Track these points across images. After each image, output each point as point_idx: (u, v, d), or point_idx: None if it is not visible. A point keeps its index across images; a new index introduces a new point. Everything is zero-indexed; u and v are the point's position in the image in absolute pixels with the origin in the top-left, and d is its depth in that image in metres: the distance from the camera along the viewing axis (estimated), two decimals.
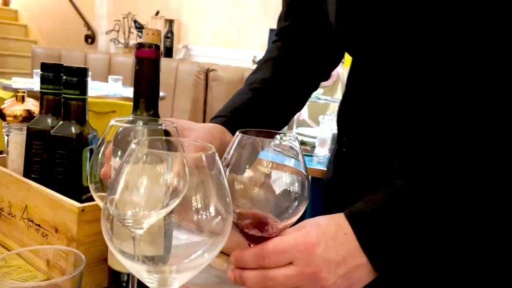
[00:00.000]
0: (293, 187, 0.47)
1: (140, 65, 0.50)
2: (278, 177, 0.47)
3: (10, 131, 0.74)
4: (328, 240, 0.46)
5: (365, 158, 0.65)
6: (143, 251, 0.41)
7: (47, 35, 5.78)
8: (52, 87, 0.71)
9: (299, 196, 0.48)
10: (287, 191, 0.47)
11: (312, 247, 0.45)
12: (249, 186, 0.47)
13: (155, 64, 0.51)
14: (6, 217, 0.70)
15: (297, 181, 0.48)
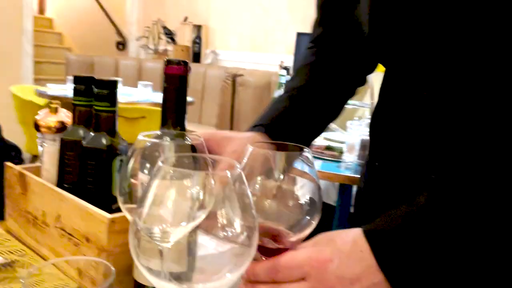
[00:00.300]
0: (305, 200, 0.47)
1: (168, 81, 0.51)
2: (290, 189, 0.47)
3: (44, 142, 0.77)
4: (343, 257, 0.45)
5: (400, 173, 0.63)
6: (169, 267, 0.41)
7: (81, 42, 5.96)
8: (84, 99, 0.73)
9: (311, 209, 0.47)
10: (299, 203, 0.47)
11: (325, 264, 0.45)
12: (261, 198, 0.47)
13: (183, 80, 0.51)
14: (40, 225, 0.73)
15: (309, 193, 0.48)
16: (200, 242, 0.41)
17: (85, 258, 0.62)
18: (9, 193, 0.81)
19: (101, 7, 5.66)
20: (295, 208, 0.47)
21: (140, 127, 2.73)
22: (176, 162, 0.44)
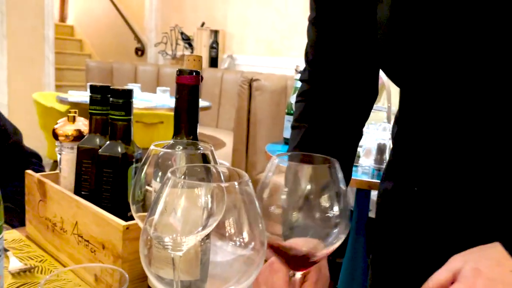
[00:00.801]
0: (332, 212, 0.47)
1: (180, 91, 0.52)
2: (317, 201, 0.47)
3: (63, 150, 0.79)
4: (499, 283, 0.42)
5: (429, 200, 0.62)
6: (180, 276, 0.42)
7: (101, 48, 6.08)
8: (100, 108, 0.74)
9: (340, 221, 0.47)
10: (327, 216, 0.47)
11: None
12: (288, 211, 0.47)
13: (195, 90, 0.52)
14: (58, 232, 0.74)
15: (336, 205, 0.47)
16: (211, 251, 0.42)
17: (100, 265, 0.63)
18: (29, 200, 0.83)
19: (121, 14, 5.76)
20: (323, 221, 0.47)
21: (159, 132, 2.76)
22: (187, 171, 0.45)
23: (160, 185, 0.39)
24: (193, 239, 0.43)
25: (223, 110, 4.06)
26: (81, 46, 6.33)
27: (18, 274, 0.68)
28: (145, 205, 0.53)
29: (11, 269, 0.69)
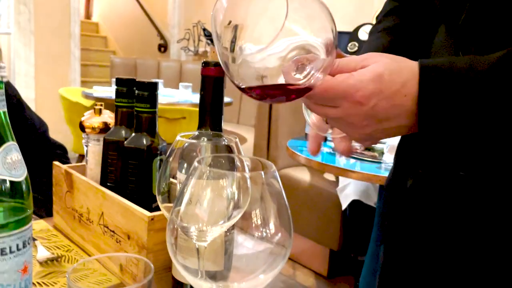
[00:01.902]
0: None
1: (205, 83, 0.52)
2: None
3: (89, 142, 0.80)
4: (382, 99, 0.44)
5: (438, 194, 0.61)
6: (205, 266, 0.42)
7: (125, 45, 6.16)
8: (126, 100, 0.75)
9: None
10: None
11: (360, 105, 0.45)
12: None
13: (220, 82, 0.52)
14: (84, 222, 0.76)
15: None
16: (236, 242, 0.42)
17: (126, 255, 0.64)
18: (56, 191, 0.85)
19: (144, 11, 5.82)
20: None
21: (181, 128, 2.78)
22: (212, 162, 0.45)
23: (186, 175, 0.39)
24: (218, 229, 0.43)
25: (245, 106, 4.06)
26: (106, 42, 6.43)
27: (45, 263, 0.70)
28: (170, 195, 0.53)
29: (39, 258, 0.70)
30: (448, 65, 0.45)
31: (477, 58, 0.45)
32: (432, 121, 0.44)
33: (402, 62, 0.46)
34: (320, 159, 1.76)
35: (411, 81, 0.44)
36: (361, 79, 0.44)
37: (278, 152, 2.50)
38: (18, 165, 0.51)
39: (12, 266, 0.50)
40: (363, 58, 0.46)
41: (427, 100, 0.44)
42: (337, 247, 2.21)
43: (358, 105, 0.45)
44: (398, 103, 0.45)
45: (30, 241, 0.52)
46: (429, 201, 0.60)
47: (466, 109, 0.44)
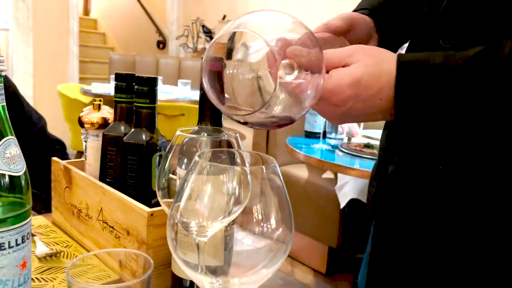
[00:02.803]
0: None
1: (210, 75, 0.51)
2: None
3: (88, 137, 0.80)
4: (358, 102, 0.46)
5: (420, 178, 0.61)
6: (205, 261, 0.42)
7: (123, 41, 6.14)
8: (125, 96, 0.75)
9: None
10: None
11: (336, 107, 0.46)
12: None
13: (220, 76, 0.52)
14: (83, 218, 0.75)
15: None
16: (236, 237, 0.42)
17: (125, 250, 0.64)
18: (55, 187, 0.85)
19: (143, 8, 5.80)
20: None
21: (180, 124, 2.78)
22: (212, 156, 0.45)
23: (186, 170, 0.39)
24: (218, 225, 0.43)
25: None
26: (105, 39, 6.41)
27: (44, 258, 0.70)
28: (170, 191, 0.53)
29: (38, 254, 0.70)
30: (424, 60, 0.46)
31: (453, 54, 0.45)
32: (407, 118, 0.46)
33: (383, 64, 0.47)
34: (319, 156, 1.76)
35: (388, 86, 0.46)
36: (339, 84, 0.45)
37: (277, 149, 2.50)
38: (17, 159, 0.50)
39: (11, 261, 0.49)
40: (348, 54, 0.47)
41: (403, 97, 0.45)
42: (335, 245, 2.21)
43: (334, 106, 0.46)
44: (373, 105, 0.46)
45: (29, 236, 0.52)
46: (409, 188, 0.61)
47: (441, 104, 0.44)
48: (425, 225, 0.58)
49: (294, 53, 0.43)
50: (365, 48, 0.48)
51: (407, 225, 0.61)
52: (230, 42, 0.46)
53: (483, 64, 0.43)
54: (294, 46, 0.44)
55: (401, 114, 0.46)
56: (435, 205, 0.56)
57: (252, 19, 0.43)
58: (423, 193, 0.58)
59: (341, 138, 2.06)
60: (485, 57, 0.43)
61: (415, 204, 0.59)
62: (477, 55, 0.43)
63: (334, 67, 0.47)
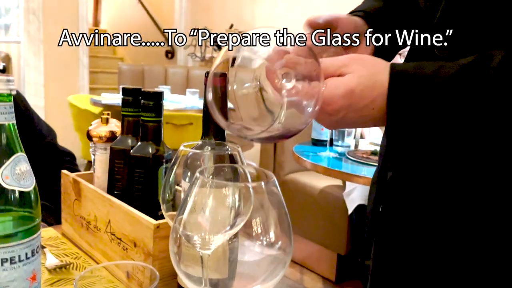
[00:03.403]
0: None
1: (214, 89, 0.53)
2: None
3: (96, 151, 0.82)
4: (351, 111, 0.47)
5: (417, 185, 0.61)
6: (209, 274, 0.42)
7: (132, 52, 6.21)
8: (132, 109, 0.76)
9: None
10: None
11: (329, 115, 0.48)
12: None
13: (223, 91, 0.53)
14: (92, 230, 0.77)
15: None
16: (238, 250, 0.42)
17: (132, 262, 0.65)
18: (64, 199, 0.86)
19: (151, 18, 5.87)
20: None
21: (188, 134, 2.80)
22: (215, 171, 0.46)
23: (189, 185, 0.40)
24: (221, 238, 0.44)
25: None
26: (114, 49, 6.49)
27: (54, 270, 0.71)
28: (174, 204, 0.54)
29: (48, 266, 0.72)
30: (415, 71, 0.47)
31: (443, 64, 0.46)
32: (399, 127, 0.47)
33: (377, 75, 0.48)
34: (326, 164, 1.77)
35: (381, 97, 0.47)
36: (333, 94, 0.47)
37: (285, 157, 2.51)
38: (26, 175, 0.52)
39: (21, 274, 0.51)
40: (343, 64, 0.48)
41: (394, 107, 0.46)
42: (344, 252, 2.21)
43: (327, 115, 0.48)
44: (366, 114, 0.48)
45: (39, 250, 0.54)
46: (407, 194, 0.62)
47: (431, 114, 0.45)
48: (424, 231, 0.59)
49: (292, 61, 0.45)
50: (360, 58, 0.49)
51: (406, 230, 0.62)
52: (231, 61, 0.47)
53: (472, 75, 0.44)
54: (290, 55, 0.46)
55: (393, 124, 0.47)
56: (433, 211, 0.57)
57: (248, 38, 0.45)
58: (421, 199, 0.59)
59: (348, 146, 2.06)
60: (474, 67, 0.44)
61: (413, 209, 0.60)
62: (467, 66, 0.44)
63: (329, 76, 0.48)
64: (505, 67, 0.43)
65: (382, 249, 0.69)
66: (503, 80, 0.42)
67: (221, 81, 0.54)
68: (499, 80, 0.43)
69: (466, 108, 0.44)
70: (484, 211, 0.53)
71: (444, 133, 0.46)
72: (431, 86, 0.45)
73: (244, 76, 0.48)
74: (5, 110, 0.50)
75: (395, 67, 0.48)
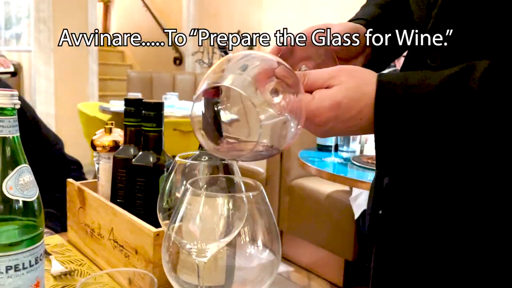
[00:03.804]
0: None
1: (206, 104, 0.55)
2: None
3: (100, 160, 0.84)
4: (339, 122, 0.48)
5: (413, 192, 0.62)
6: (205, 281, 0.44)
7: (141, 59, 6.28)
8: (134, 120, 0.78)
9: None
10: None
11: (317, 126, 0.49)
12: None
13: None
14: (96, 237, 0.79)
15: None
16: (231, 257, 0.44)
17: (133, 270, 0.67)
18: (70, 207, 0.89)
19: (159, 25, 5.94)
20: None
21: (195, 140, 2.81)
22: (209, 181, 0.47)
23: (181, 194, 0.42)
24: (215, 246, 0.45)
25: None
26: (123, 57, 6.57)
27: (59, 276, 0.73)
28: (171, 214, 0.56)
29: (53, 272, 0.74)
30: (401, 81, 0.47)
31: (430, 74, 0.47)
32: (386, 137, 0.48)
33: (364, 87, 0.48)
34: (331, 170, 1.77)
35: (367, 108, 0.48)
36: (320, 106, 0.48)
37: (291, 162, 2.52)
38: (30, 186, 0.54)
39: (25, 282, 0.53)
40: (331, 76, 0.49)
41: (381, 117, 0.47)
42: (351, 258, 2.20)
43: (315, 126, 0.49)
44: (354, 124, 0.49)
45: (42, 257, 0.56)
46: (403, 198, 0.62)
47: (417, 124, 0.46)
48: (422, 234, 0.59)
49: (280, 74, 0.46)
50: (348, 69, 0.50)
51: (405, 234, 0.62)
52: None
53: (454, 87, 0.44)
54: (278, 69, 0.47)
55: (380, 134, 0.48)
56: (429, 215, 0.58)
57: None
58: (417, 204, 0.59)
59: (353, 151, 2.07)
60: (457, 79, 0.45)
61: (411, 213, 0.61)
62: (450, 77, 0.45)
63: (317, 87, 0.49)
64: (486, 79, 0.43)
65: (382, 252, 0.70)
66: (484, 93, 0.43)
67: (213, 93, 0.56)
68: (480, 92, 0.43)
69: (449, 119, 0.45)
70: (477, 213, 0.53)
71: (431, 143, 0.47)
72: (415, 98, 0.46)
73: (233, 98, 0.50)
74: (9, 124, 0.52)
75: (382, 78, 0.49)
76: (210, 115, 0.47)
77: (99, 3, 5.79)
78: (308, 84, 0.49)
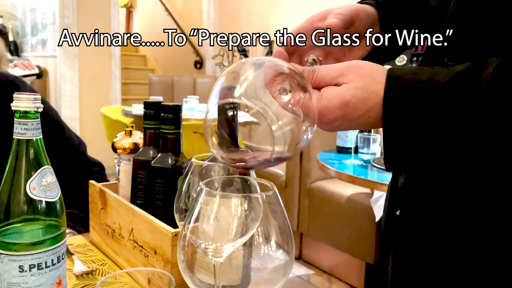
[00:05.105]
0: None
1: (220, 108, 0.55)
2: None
3: (121, 162, 0.85)
4: (346, 121, 0.48)
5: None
6: (222, 281, 0.44)
7: (163, 63, 6.37)
8: (153, 122, 0.80)
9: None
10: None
11: (325, 124, 0.49)
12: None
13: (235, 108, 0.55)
14: (117, 237, 0.81)
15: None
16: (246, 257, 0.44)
17: (151, 269, 0.68)
18: (92, 208, 0.91)
19: (180, 29, 6.01)
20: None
21: None
22: (225, 182, 0.48)
23: (196, 194, 0.43)
24: (230, 246, 0.46)
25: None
26: (145, 61, 6.68)
27: (81, 276, 0.75)
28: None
29: (76, 271, 0.76)
30: (411, 76, 0.47)
31: (440, 70, 0.46)
32: (395, 134, 0.47)
33: (372, 85, 0.48)
34: (351, 172, 1.76)
35: (376, 106, 0.47)
36: (328, 105, 0.48)
37: (311, 164, 2.51)
38: (52, 187, 0.56)
39: (48, 280, 0.54)
40: (339, 74, 0.49)
41: (390, 113, 0.46)
42: (372, 261, 2.18)
43: (323, 124, 0.49)
44: (362, 122, 0.49)
45: (65, 256, 0.57)
46: (419, 198, 0.61)
47: (426, 120, 0.45)
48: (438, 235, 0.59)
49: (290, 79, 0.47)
50: (357, 66, 0.50)
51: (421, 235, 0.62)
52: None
53: (466, 82, 0.44)
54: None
55: (389, 131, 0.47)
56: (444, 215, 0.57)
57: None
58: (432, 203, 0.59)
59: (373, 153, 2.05)
60: (467, 76, 0.44)
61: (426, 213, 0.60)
62: (462, 72, 0.44)
63: (326, 84, 0.49)
64: (497, 76, 0.43)
65: (400, 255, 0.70)
66: (494, 90, 0.43)
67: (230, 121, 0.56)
68: (490, 89, 0.43)
69: (460, 115, 0.44)
70: (485, 214, 0.53)
71: (438, 139, 0.46)
72: (425, 94, 0.45)
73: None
74: (32, 126, 0.54)
75: (392, 74, 0.48)
76: (223, 123, 0.48)
77: (121, 9, 5.90)
78: (316, 81, 0.49)
